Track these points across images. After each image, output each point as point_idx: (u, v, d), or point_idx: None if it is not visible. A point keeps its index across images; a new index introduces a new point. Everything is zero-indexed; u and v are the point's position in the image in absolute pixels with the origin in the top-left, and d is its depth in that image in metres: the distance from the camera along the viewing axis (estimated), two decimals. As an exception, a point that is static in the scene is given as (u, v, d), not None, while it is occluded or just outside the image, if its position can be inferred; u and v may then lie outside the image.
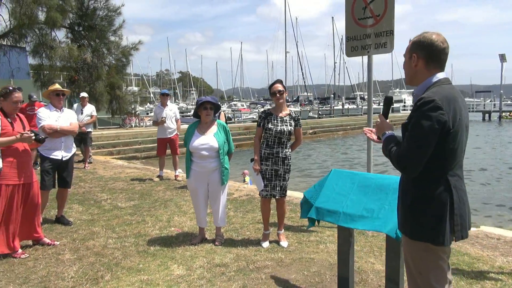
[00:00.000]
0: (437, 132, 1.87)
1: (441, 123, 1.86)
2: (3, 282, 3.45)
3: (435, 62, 2.04)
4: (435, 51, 2.02)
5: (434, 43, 2.01)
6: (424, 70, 2.06)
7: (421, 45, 2.04)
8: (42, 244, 4.35)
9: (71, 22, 12.86)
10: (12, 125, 4.01)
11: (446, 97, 1.91)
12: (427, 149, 1.89)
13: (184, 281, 3.44)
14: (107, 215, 5.57)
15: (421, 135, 1.88)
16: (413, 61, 2.07)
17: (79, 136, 9.38)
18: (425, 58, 2.03)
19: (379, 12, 4.63)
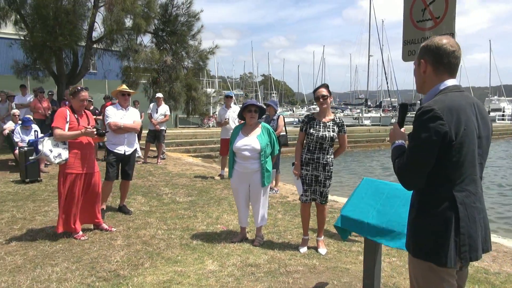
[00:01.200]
0: (436, 144, 1.74)
1: (440, 134, 1.73)
2: (60, 259, 3.90)
3: (444, 67, 1.90)
4: (443, 54, 1.88)
5: (442, 46, 1.87)
6: (433, 77, 1.92)
7: (428, 50, 1.91)
8: (101, 229, 4.81)
9: (156, 28, 13.88)
10: (78, 121, 4.50)
11: (448, 106, 1.77)
12: (425, 162, 1.77)
13: (213, 276, 3.57)
14: (164, 208, 5.95)
15: (418, 147, 1.77)
16: (421, 68, 1.94)
17: (153, 134, 10.15)
18: (433, 63, 1.90)
19: (439, 14, 4.32)
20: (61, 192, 4.40)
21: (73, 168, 4.42)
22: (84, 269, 3.67)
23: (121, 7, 11.20)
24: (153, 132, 10.12)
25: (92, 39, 13.06)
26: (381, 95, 68.01)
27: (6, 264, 3.74)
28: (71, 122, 4.45)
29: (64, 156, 4.42)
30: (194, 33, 13.75)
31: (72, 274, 3.54)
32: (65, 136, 4.40)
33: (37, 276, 3.48)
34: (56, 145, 4.42)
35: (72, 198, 4.42)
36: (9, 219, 5.16)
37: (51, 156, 4.37)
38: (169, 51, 13.57)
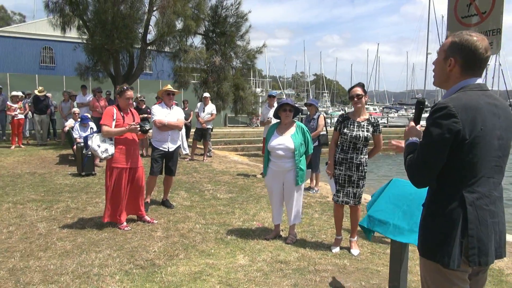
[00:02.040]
0: (448, 142, 1.70)
1: (453, 132, 1.69)
2: (104, 246, 4.20)
3: (472, 70, 1.83)
4: (477, 59, 1.81)
5: (478, 50, 1.78)
6: (458, 75, 1.85)
7: (461, 49, 1.81)
8: (144, 221, 5.09)
9: (206, 29, 14.32)
10: (124, 118, 4.81)
11: (464, 104, 1.72)
12: (436, 160, 1.74)
13: (242, 270, 3.68)
14: (204, 203, 6.16)
15: (430, 145, 1.75)
16: (448, 64, 1.86)
17: (200, 132, 10.49)
18: (463, 65, 1.82)
19: (485, 9, 4.11)
20: (107, 185, 4.73)
21: (118, 163, 4.73)
22: (124, 256, 3.93)
23: (172, 10, 11.69)
24: (200, 131, 10.45)
25: (147, 42, 13.75)
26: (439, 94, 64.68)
27: (56, 248, 4.11)
28: (117, 120, 4.77)
29: (111, 151, 4.74)
30: (242, 34, 14.01)
31: (113, 261, 3.81)
32: (111, 132, 4.72)
33: (82, 261, 3.79)
34: (104, 141, 4.76)
35: (118, 190, 4.73)
36: (63, 208, 5.62)
37: (98, 151, 4.71)
38: (218, 51, 13.92)
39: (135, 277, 3.48)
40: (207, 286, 3.35)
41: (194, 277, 3.50)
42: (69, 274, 3.50)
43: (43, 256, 3.90)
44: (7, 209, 5.50)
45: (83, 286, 3.29)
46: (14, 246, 4.13)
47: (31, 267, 3.63)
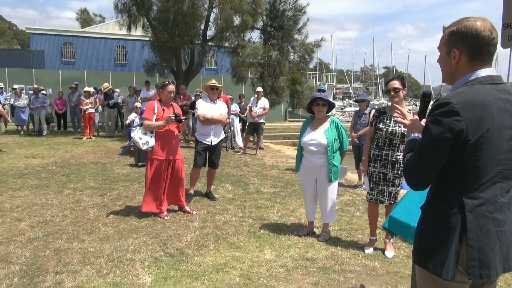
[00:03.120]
0: (448, 142, 1.54)
1: (454, 132, 1.52)
2: (142, 233, 4.44)
3: (481, 57, 1.63)
4: (482, 44, 1.61)
5: (481, 33, 1.59)
6: (466, 67, 1.66)
7: (463, 37, 1.62)
8: (184, 211, 5.29)
9: (264, 24, 14.37)
10: (164, 111, 5.00)
11: (469, 101, 1.54)
12: (434, 161, 1.58)
13: (266, 265, 3.67)
14: (246, 197, 6.24)
15: (428, 144, 1.59)
16: (452, 57, 1.67)
17: (253, 126, 10.59)
18: (469, 53, 1.63)
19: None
20: (147, 176, 4.98)
21: (158, 155, 4.95)
22: (157, 244, 4.13)
23: (230, 5, 11.90)
24: (253, 125, 10.55)
25: (207, 38, 14.16)
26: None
27: (100, 233, 4.42)
28: (158, 113, 4.98)
29: (151, 144, 4.97)
30: (300, 27, 13.86)
31: (146, 248, 4.02)
32: (151, 126, 4.94)
33: (118, 246, 4.04)
34: (145, 134, 5.00)
35: (157, 181, 4.96)
36: (115, 196, 6.02)
37: (140, 143, 4.97)
38: (275, 46, 13.91)
39: (162, 264, 3.64)
40: (228, 278, 3.40)
41: (217, 268, 3.57)
42: (104, 257, 3.75)
43: (86, 239, 4.23)
44: (66, 194, 6.02)
45: (114, 269, 3.51)
46: (64, 229, 4.52)
47: (73, 248, 3.96)
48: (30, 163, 8.48)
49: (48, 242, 4.10)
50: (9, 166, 8.09)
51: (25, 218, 4.85)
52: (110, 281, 3.29)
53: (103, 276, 3.38)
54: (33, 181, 6.83)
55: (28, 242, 4.09)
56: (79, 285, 3.21)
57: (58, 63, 26.80)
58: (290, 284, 3.33)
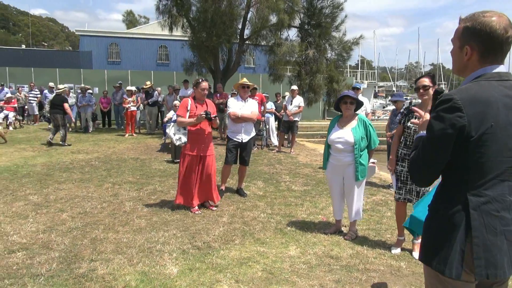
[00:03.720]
0: (450, 138, 1.53)
1: (456, 128, 1.51)
2: (173, 226, 4.62)
3: (493, 55, 1.60)
4: (497, 42, 1.57)
5: (495, 31, 1.55)
6: (477, 64, 1.63)
7: (476, 34, 1.58)
8: (216, 206, 5.43)
9: (301, 22, 14.30)
10: (197, 108, 5.15)
11: (473, 97, 1.52)
12: (436, 157, 1.58)
13: (289, 261, 3.72)
14: (277, 194, 6.29)
15: (431, 140, 1.60)
16: (465, 53, 1.64)
17: (287, 124, 10.61)
18: (481, 51, 1.60)
19: None
20: (180, 171, 5.16)
21: (190, 151, 5.12)
22: (186, 237, 4.28)
23: (266, 5, 11.97)
24: (287, 123, 10.57)
25: (244, 37, 14.31)
26: None
27: (133, 225, 4.65)
28: (191, 110, 5.15)
29: (183, 140, 5.16)
30: (338, 24, 13.67)
31: (176, 240, 4.18)
32: (184, 122, 5.12)
33: (150, 237, 4.24)
34: (178, 130, 5.20)
35: (189, 176, 5.13)
36: (151, 190, 6.28)
37: (174, 138, 5.18)
38: (312, 44, 13.82)
39: (189, 256, 3.78)
40: (250, 271, 3.48)
41: (241, 262, 3.67)
42: (136, 248, 3.95)
43: (121, 230, 4.46)
44: (106, 188, 6.36)
45: (144, 259, 3.69)
46: (101, 220, 4.79)
47: (108, 238, 4.20)
48: (76, 158, 8.99)
49: (86, 232, 4.37)
50: (56, 161, 8.63)
51: (67, 209, 5.19)
52: (140, 270, 3.47)
53: (133, 265, 3.57)
54: (77, 175, 7.26)
55: (68, 231, 4.38)
56: (111, 273, 3.41)
57: (105, 63, 28.09)
58: (311, 280, 3.36)
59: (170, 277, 3.36)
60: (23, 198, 5.64)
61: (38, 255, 3.73)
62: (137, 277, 3.33)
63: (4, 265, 3.52)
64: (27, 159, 8.77)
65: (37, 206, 5.31)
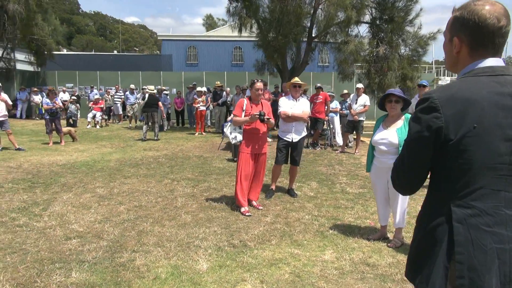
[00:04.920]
0: (427, 141, 1.39)
1: (433, 130, 1.37)
2: (215, 223, 4.74)
3: (483, 49, 1.42)
4: (487, 33, 1.39)
5: (485, 21, 1.37)
6: (467, 57, 1.46)
7: (465, 24, 1.42)
8: (251, 205, 5.46)
9: (372, 17, 13.72)
10: (252, 108, 5.22)
11: (452, 95, 1.36)
12: (414, 162, 1.44)
13: (321, 265, 3.61)
14: (328, 196, 6.13)
15: (409, 143, 1.48)
16: (454, 46, 1.48)
17: (352, 124, 10.25)
18: (471, 44, 1.43)
19: None
20: (237, 170, 5.28)
21: (245, 149, 5.21)
22: (225, 235, 4.37)
23: (332, 1, 11.69)
24: (352, 123, 10.21)
25: (312, 35, 14.13)
26: None
27: (179, 220, 4.86)
28: (246, 110, 5.24)
29: (239, 139, 5.28)
30: (412, 18, 12.86)
31: (214, 237, 4.29)
32: (238, 121, 5.23)
33: (191, 233, 4.40)
34: (234, 129, 5.34)
35: (246, 176, 5.21)
36: (205, 188, 6.51)
37: (230, 137, 5.34)
38: (383, 40, 13.18)
39: (223, 254, 3.85)
40: (278, 273, 3.45)
41: (271, 263, 3.65)
42: (175, 242, 4.13)
43: (167, 224, 4.69)
44: (165, 184, 6.73)
45: (180, 253, 3.85)
46: (152, 214, 5.09)
47: (153, 231, 4.44)
48: (146, 155, 9.64)
49: (135, 224, 4.68)
50: (128, 157, 9.34)
51: (126, 202, 5.59)
52: (173, 263, 3.63)
53: (169, 258, 3.74)
54: (143, 171, 7.78)
55: (120, 223, 4.72)
56: (147, 264, 3.61)
57: (183, 66, 29.71)
58: (339, 287, 3.23)
59: (199, 272, 3.45)
60: (91, 191, 6.20)
61: (89, 243, 4.08)
62: (168, 270, 3.49)
63: (59, 250, 3.91)
64: (104, 155, 9.62)
65: (101, 198, 5.80)
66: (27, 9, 16.44)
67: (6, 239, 4.17)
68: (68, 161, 8.70)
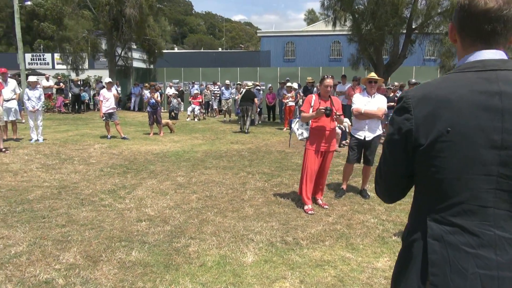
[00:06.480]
0: (398, 145, 1.26)
1: (402, 132, 1.23)
2: (275, 218, 4.76)
3: (471, 37, 1.22)
4: (472, 17, 1.19)
5: (472, 1, 1.18)
6: (461, 49, 1.28)
7: (457, 9, 1.26)
8: (317, 203, 5.33)
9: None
10: (320, 104, 5.12)
11: (425, 95, 1.20)
12: (388, 168, 1.32)
13: (370, 273, 3.40)
14: (405, 199, 5.63)
15: (384, 147, 1.35)
16: (450, 34, 1.33)
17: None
18: (459, 31, 1.26)
19: None
20: (302, 166, 5.25)
21: (312, 146, 5.14)
22: (281, 230, 4.37)
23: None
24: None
25: (412, 26, 13.17)
26: None
27: (242, 212, 5.00)
28: (314, 106, 5.17)
29: (305, 135, 5.24)
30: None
31: (269, 232, 4.32)
32: (306, 117, 5.18)
33: (248, 226, 4.50)
34: (302, 125, 5.31)
35: (312, 173, 5.15)
36: (276, 183, 6.56)
37: (297, 133, 5.33)
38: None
39: (272, 249, 3.87)
40: (320, 275, 3.35)
41: (317, 264, 3.55)
42: (231, 233, 4.28)
43: (229, 215, 4.87)
44: (240, 176, 6.96)
45: (231, 244, 3.97)
46: (219, 204, 5.32)
47: (215, 221, 4.65)
48: (231, 148, 10.06)
49: (200, 213, 4.95)
50: (215, 149, 9.85)
51: (199, 191, 5.93)
52: (222, 253, 3.76)
53: (219, 248, 3.89)
54: (223, 163, 8.15)
55: (188, 210, 5.04)
56: (198, 251, 3.81)
57: (281, 61, 30.07)
58: (382, 298, 3.02)
59: (243, 265, 3.53)
60: (172, 179, 6.71)
61: (155, 226, 4.45)
62: (215, 259, 3.63)
63: (129, 230, 4.33)
64: (194, 146, 10.29)
65: (178, 186, 6.24)
66: (140, 12, 18.28)
67: (90, 216, 4.76)
68: (161, 150, 9.51)
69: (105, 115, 11.03)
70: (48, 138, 10.86)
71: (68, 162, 7.86)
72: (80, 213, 4.86)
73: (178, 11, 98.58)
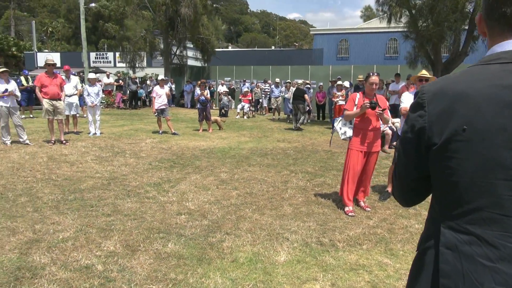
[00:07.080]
0: (412, 143, 1.16)
1: (415, 130, 1.13)
2: (313, 219, 4.67)
3: (498, 25, 1.09)
4: (494, 3, 1.07)
5: None
6: (489, 40, 1.15)
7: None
8: (358, 205, 5.14)
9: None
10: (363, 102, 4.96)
11: (440, 89, 1.09)
12: (402, 169, 1.22)
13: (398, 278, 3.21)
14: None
15: (399, 146, 1.24)
16: (479, 26, 1.20)
17: None
18: (485, 18, 1.13)
19: None
20: (345, 166, 5.12)
21: (355, 146, 5.00)
22: (318, 231, 4.28)
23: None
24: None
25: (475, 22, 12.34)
26: None
27: (280, 211, 4.96)
28: (358, 105, 5.01)
29: (348, 134, 5.09)
30: None
31: (306, 231, 4.25)
32: (349, 115, 5.03)
33: (285, 225, 4.45)
34: (345, 124, 5.17)
35: (354, 173, 5.01)
36: (319, 182, 6.44)
37: (339, 132, 5.19)
38: None
39: (306, 250, 3.80)
40: (353, 280, 3.23)
41: (351, 268, 3.43)
42: (267, 231, 4.26)
43: (267, 213, 4.85)
44: (282, 175, 6.92)
45: (266, 242, 3.95)
46: (257, 202, 5.32)
47: (252, 218, 4.66)
48: (276, 146, 10.04)
49: (239, 209, 4.97)
50: (260, 147, 9.88)
51: (240, 188, 5.98)
52: (255, 250, 3.76)
53: (253, 245, 3.88)
54: (267, 161, 8.14)
55: (227, 206, 5.09)
56: (232, 246, 3.83)
57: (334, 60, 29.49)
58: (418, 308, 2.84)
59: (275, 263, 3.50)
60: (216, 175, 6.82)
61: (193, 220, 4.54)
62: (248, 255, 3.63)
63: (169, 222, 4.46)
64: (240, 143, 10.39)
65: (221, 182, 6.33)
66: (194, 12, 18.78)
67: (134, 207, 4.96)
68: (208, 146, 9.71)
69: (157, 111, 11.46)
70: (105, 132, 11.49)
71: (120, 155, 8.26)
72: (125, 203, 5.09)
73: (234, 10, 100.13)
